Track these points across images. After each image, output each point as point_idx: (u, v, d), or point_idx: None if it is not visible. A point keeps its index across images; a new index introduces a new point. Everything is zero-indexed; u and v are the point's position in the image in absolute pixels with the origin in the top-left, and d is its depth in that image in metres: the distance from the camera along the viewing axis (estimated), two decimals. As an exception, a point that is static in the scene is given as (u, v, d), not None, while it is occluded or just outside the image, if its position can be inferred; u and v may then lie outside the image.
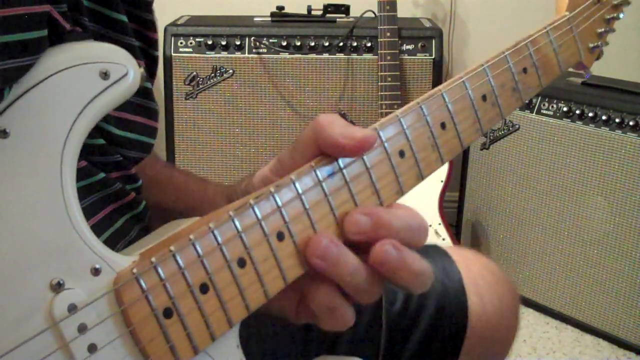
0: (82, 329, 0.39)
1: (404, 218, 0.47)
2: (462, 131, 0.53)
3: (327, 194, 0.46)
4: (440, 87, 0.52)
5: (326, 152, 0.46)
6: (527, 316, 1.79)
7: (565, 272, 1.72)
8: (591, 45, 0.66)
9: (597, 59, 0.68)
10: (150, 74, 0.58)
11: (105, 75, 0.40)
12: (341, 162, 0.47)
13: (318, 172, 0.46)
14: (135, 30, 0.55)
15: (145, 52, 0.56)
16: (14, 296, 0.37)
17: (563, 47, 0.61)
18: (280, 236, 0.44)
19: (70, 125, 0.39)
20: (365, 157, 0.47)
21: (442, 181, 1.81)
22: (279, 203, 0.44)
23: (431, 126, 0.51)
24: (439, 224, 1.79)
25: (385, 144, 0.48)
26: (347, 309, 0.46)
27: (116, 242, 0.52)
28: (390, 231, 0.46)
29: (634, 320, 1.62)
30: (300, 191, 0.45)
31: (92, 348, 0.39)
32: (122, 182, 0.54)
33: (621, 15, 0.70)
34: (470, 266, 0.76)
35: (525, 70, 0.57)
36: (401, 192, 0.50)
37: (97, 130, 0.50)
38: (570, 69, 0.67)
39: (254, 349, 0.66)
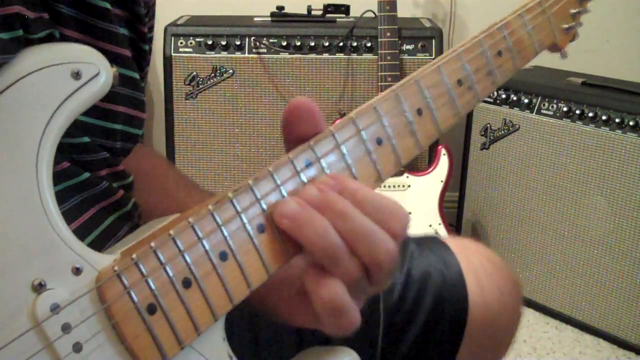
0: (65, 328, 0.39)
1: (372, 194, 0.46)
2: (439, 116, 0.53)
3: (305, 184, 0.46)
4: (415, 73, 0.52)
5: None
6: (527, 316, 1.79)
7: (565, 272, 1.72)
8: (565, 26, 0.66)
9: (572, 40, 0.69)
10: (139, 65, 0.58)
11: (77, 75, 0.41)
12: (318, 151, 0.47)
13: (295, 163, 0.46)
14: (127, 21, 0.55)
15: (134, 44, 0.56)
16: None
17: (536, 29, 0.62)
18: (260, 228, 0.45)
19: (44, 126, 0.40)
20: (342, 147, 0.48)
21: (442, 181, 1.81)
22: (258, 195, 0.45)
23: (407, 113, 0.51)
24: (439, 224, 1.79)
25: (362, 132, 0.49)
26: (353, 309, 0.44)
27: (105, 242, 0.52)
28: (352, 197, 0.45)
29: (634, 320, 1.62)
30: (278, 182, 0.45)
31: (77, 346, 0.39)
32: (110, 179, 0.54)
33: None
34: (470, 257, 0.76)
35: (500, 53, 0.58)
36: (380, 179, 0.50)
37: (79, 128, 0.50)
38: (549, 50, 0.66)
39: (245, 343, 0.66)
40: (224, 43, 1.85)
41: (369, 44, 1.88)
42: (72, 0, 0.49)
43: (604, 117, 1.60)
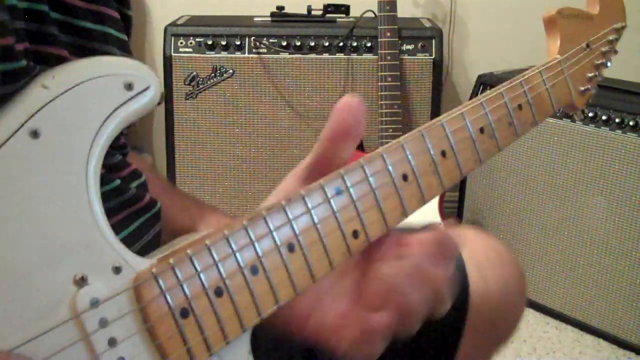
0: (103, 322, 0.41)
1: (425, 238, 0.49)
2: (462, 160, 0.55)
3: (334, 210, 0.49)
4: (440, 117, 0.54)
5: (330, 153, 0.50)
6: (527, 316, 1.79)
7: (565, 272, 1.72)
8: (582, 88, 0.70)
9: (587, 102, 0.72)
10: (127, 33, 0.61)
11: (129, 87, 0.43)
12: (348, 180, 0.49)
13: (326, 189, 0.48)
14: None
15: (120, 11, 0.59)
16: (39, 288, 0.39)
17: (555, 87, 0.65)
18: (290, 247, 0.47)
19: (96, 130, 0.42)
20: (370, 179, 0.50)
21: (442, 181, 1.81)
22: (290, 216, 0.47)
23: (432, 154, 0.54)
24: (439, 224, 1.79)
25: (389, 168, 0.51)
26: (380, 348, 0.48)
27: (131, 244, 0.53)
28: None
29: (634, 320, 1.62)
30: (310, 206, 0.48)
31: (112, 342, 0.41)
32: (124, 182, 0.56)
33: (609, 64, 0.75)
34: (474, 247, 0.76)
35: (520, 106, 0.61)
36: (405, 214, 0.52)
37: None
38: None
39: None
40: (224, 43, 1.85)
41: (369, 44, 1.88)
42: None
43: (604, 117, 1.61)
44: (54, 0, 0.52)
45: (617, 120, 1.58)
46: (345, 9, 1.99)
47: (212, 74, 1.87)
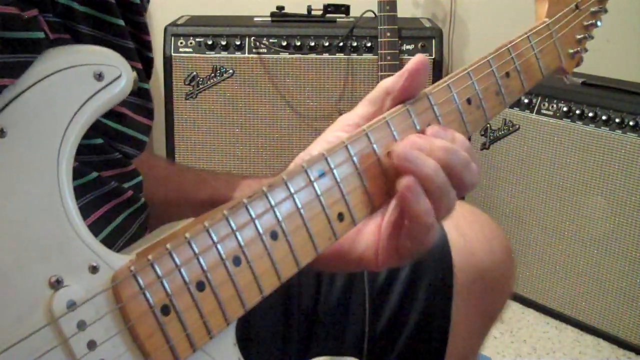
0: (81, 325, 0.39)
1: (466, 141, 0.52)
2: None
3: (318, 193, 0.47)
4: (425, 90, 0.53)
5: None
6: (527, 316, 1.79)
7: (565, 272, 1.72)
8: (571, 51, 0.68)
9: (577, 65, 0.71)
10: (147, 74, 0.59)
11: (99, 76, 0.41)
12: (331, 162, 0.48)
13: (309, 172, 0.47)
14: (131, 33, 0.55)
15: (140, 54, 0.57)
16: (13, 293, 0.38)
17: (544, 52, 0.63)
18: (273, 235, 0.45)
19: (66, 124, 0.40)
20: (355, 159, 0.49)
21: (442, 181, 1.81)
22: (272, 202, 0.45)
23: (419, 130, 0.52)
24: (439, 224, 1.79)
25: (374, 145, 0.50)
26: (436, 229, 0.50)
27: (116, 240, 0.52)
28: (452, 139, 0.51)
29: (634, 320, 1.62)
30: (292, 190, 0.46)
31: (91, 344, 0.39)
32: (118, 180, 0.55)
33: (599, 23, 0.72)
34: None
35: (507, 74, 0.59)
36: (391, 195, 0.51)
37: (95, 129, 0.51)
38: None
39: (250, 351, 0.66)
40: (224, 43, 1.85)
41: (369, 44, 1.88)
42: (89, 19, 0.50)
43: (604, 117, 1.60)
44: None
45: (617, 120, 1.58)
46: (345, 9, 1.99)
47: (212, 74, 1.87)
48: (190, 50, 1.86)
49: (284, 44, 1.87)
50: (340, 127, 0.53)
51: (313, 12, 1.98)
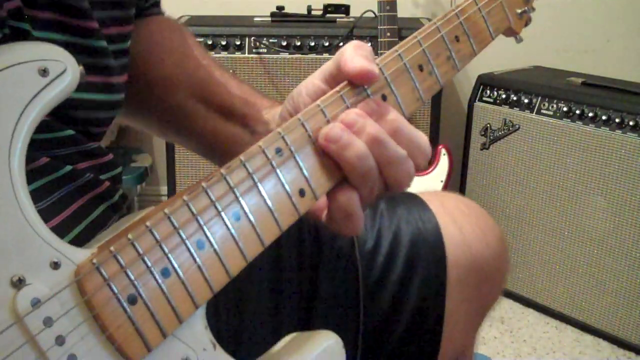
0: (47, 321, 0.39)
1: (407, 125, 0.52)
2: (403, 101, 0.55)
3: (277, 171, 0.48)
4: (377, 60, 0.54)
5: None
6: (527, 316, 1.79)
7: (565, 272, 1.72)
8: (519, 10, 0.68)
9: (526, 25, 0.70)
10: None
11: (44, 72, 0.41)
12: (287, 139, 0.49)
13: (266, 151, 0.48)
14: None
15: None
16: None
17: (491, 14, 0.64)
18: (236, 216, 0.46)
19: (14, 124, 0.40)
20: (310, 134, 0.50)
21: (442, 181, 1.81)
22: (232, 184, 0.46)
23: (372, 98, 0.53)
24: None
25: (328, 120, 0.51)
26: (360, 217, 0.51)
27: (95, 232, 0.52)
28: (389, 125, 0.51)
29: (634, 320, 1.62)
30: (250, 171, 0.47)
31: (59, 339, 0.39)
32: (94, 171, 0.54)
33: None
34: (444, 202, 0.76)
35: (457, 38, 0.60)
36: None
37: (62, 121, 0.51)
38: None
39: (223, 327, 0.66)
40: (224, 43, 1.85)
41: (369, 44, 1.88)
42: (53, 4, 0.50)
43: (604, 117, 1.60)
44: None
45: (617, 120, 1.58)
46: (345, 9, 1.99)
47: (212, 74, 1.87)
48: (190, 50, 1.86)
49: (284, 44, 1.87)
50: (323, 77, 0.54)
51: (313, 12, 1.98)
